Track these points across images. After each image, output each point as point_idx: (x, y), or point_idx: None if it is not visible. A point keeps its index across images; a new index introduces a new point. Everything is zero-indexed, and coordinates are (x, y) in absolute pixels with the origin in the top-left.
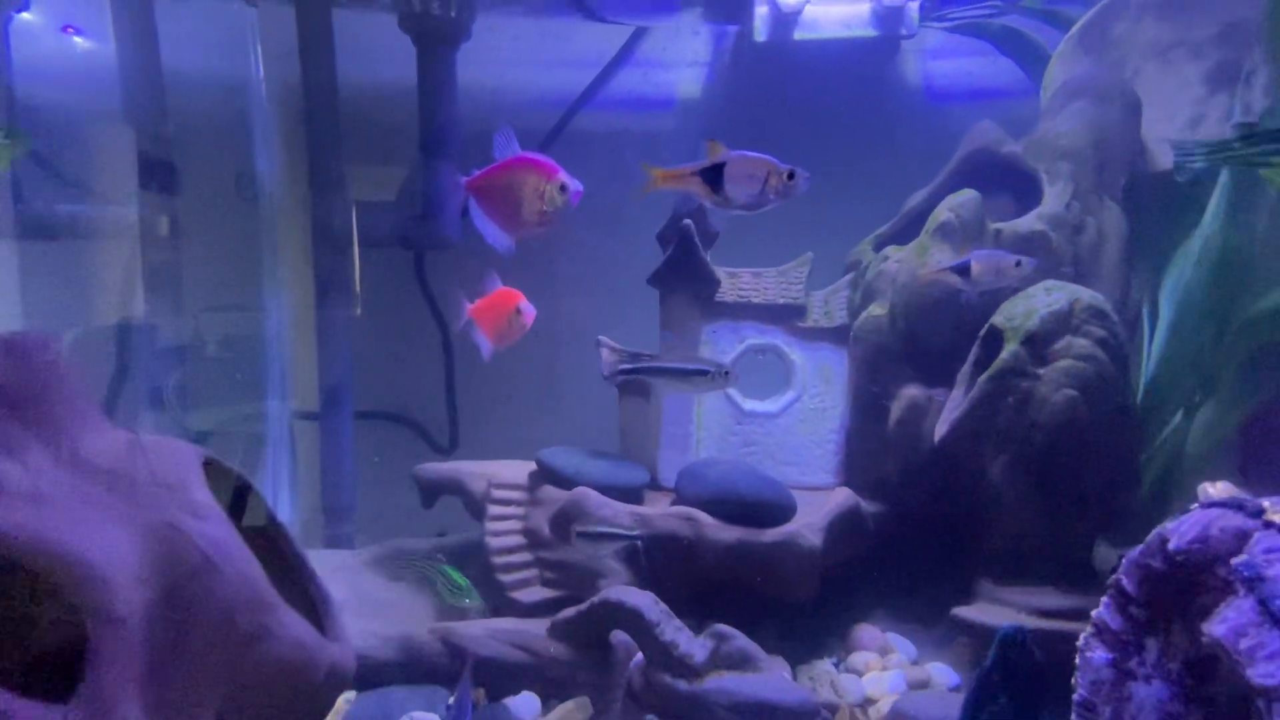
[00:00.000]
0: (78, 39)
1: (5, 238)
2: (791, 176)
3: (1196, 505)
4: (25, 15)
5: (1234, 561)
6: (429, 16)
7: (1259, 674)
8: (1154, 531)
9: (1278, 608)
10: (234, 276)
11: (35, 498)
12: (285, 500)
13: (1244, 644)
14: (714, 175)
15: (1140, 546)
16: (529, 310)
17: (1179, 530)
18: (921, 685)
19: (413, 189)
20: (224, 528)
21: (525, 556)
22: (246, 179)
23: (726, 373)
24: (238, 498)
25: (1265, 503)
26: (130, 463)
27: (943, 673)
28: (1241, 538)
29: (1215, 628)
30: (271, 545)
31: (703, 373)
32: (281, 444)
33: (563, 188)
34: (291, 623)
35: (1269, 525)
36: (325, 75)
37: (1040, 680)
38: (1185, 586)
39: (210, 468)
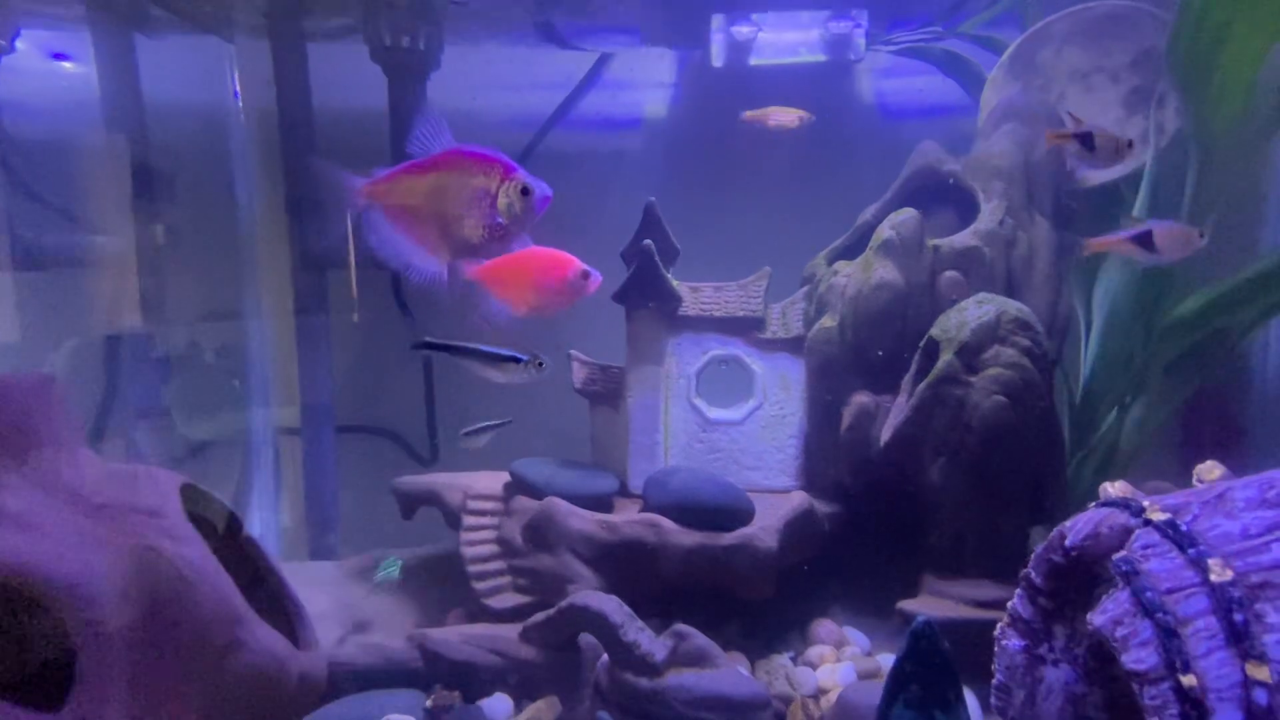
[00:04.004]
0: (66, 64)
1: (6, 267)
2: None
3: (1092, 505)
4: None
5: (1114, 557)
6: (399, 50)
7: (1131, 659)
8: (1055, 529)
9: (1149, 599)
10: (217, 295)
11: (27, 526)
12: (271, 512)
13: (1120, 632)
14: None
15: (1044, 542)
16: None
17: (1074, 528)
18: (872, 675)
19: None
20: (199, 548)
21: (499, 564)
22: None
23: (540, 364)
24: (212, 519)
25: (1146, 502)
26: (113, 492)
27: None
28: (1126, 534)
29: (1096, 618)
30: (245, 560)
31: (515, 359)
32: (267, 458)
33: (524, 190)
34: (263, 634)
35: (1148, 523)
36: (300, 102)
37: (948, 668)
38: (1084, 579)
39: (187, 491)
